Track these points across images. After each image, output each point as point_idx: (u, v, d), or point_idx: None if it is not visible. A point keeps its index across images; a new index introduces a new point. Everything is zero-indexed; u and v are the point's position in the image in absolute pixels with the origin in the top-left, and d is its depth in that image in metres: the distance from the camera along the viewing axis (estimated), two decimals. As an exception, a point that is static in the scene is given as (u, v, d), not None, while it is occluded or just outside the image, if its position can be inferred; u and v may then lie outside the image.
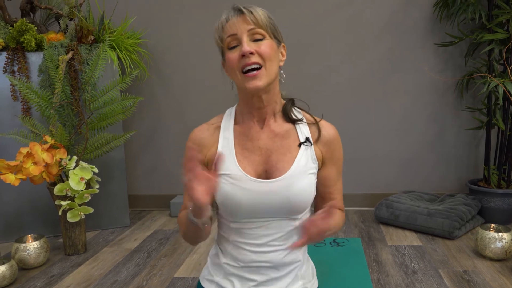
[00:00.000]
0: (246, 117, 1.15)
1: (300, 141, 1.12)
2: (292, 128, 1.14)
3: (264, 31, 1.06)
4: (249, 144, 1.12)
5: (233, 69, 1.07)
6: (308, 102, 2.79)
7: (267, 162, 1.10)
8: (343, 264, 1.98)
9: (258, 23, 1.05)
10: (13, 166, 2.02)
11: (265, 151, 1.11)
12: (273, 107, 1.13)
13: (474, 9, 2.37)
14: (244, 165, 1.09)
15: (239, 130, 1.14)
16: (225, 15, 1.09)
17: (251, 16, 1.05)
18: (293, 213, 1.10)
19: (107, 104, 2.35)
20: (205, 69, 2.88)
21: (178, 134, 2.95)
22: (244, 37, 1.05)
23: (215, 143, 1.13)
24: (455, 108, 2.75)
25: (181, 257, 2.16)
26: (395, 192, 2.85)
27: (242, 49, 1.03)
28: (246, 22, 1.05)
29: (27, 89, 2.20)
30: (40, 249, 2.08)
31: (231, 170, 1.09)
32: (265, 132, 1.13)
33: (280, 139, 1.12)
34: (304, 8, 2.74)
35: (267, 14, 1.09)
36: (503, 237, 1.96)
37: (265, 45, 1.05)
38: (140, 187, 3.04)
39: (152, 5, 2.86)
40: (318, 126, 1.15)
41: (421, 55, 2.72)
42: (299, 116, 1.17)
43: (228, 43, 1.07)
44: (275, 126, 1.13)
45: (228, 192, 1.07)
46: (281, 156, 1.10)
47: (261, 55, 1.05)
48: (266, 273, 1.12)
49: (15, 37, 2.32)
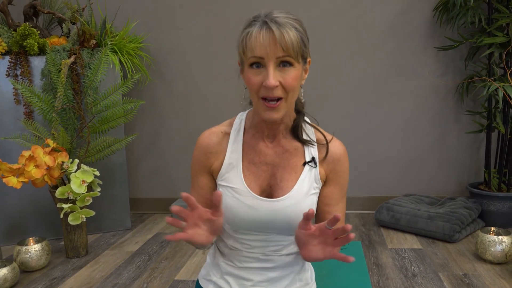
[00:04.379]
0: (256, 129, 1.11)
1: (305, 160, 1.10)
2: (300, 146, 1.11)
3: (294, 59, 0.96)
4: (256, 159, 1.10)
5: (251, 91, 1.01)
6: (310, 106, 2.79)
7: (271, 178, 1.09)
8: (343, 267, 1.98)
9: (289, 50, 0.95)
10: (15, 169, 2.03)
11: (272, 167, 1.09)
12: (286, 123, 1.10)
13: (474, 13, 2.38)
14: (249, 180, 1.08)
15: (248, 143, 1.11)
16: (253, 28, 0.96)
17: (282, 40, 0.94)
18: (293, 231, 1.09)
19: (109, 108, 2.37)
20: (207, 73, 2.90)
21: (180, 137, 2.97)
22: (270, 65, 0.95)
23: (223, 153, 1.11)
24: (455, 112, 2.75)
25: (182, 260, 2.17)
26: (396, 195, 2.85)
27: (267, 81, 0.95)
28: (275, 46, 0.94)
29: (29, 93, 2.22)
30: (41, 252, 2.10)
31: (235, 184, 1.08)
32: (274, 148, 1.10)
33: (288, 156, 1.10)
34: (305, 13, 2.76)
35: (299, 35, 0.97)
36: (503, 240, 1.97)
37: (291, 76, 0.97)
38: (142, 190, 3.05)
39: (154, 10, 2.88)
40: (327, 145, 1.10)
41: (422, 59, 2.73)
42: (310, 134, 1.13)
43: (251, 61, 0.97)
44: (284, 142, 1.11)
45: (230, 205, 1.07)
46: (286, 175, 1.08)
47: (285, 87, 0.97)
48: (264, 274, 1.13)
49: (18, 41, 2.34)
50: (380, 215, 2.54)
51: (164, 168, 3.01)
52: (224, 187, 1.08)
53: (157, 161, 3.01)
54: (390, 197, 2.85)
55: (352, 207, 2.88)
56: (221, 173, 1.10)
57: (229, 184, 1.08)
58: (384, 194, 2.87)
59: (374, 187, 2.87)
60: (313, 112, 1.26)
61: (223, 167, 1.09)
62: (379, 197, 2.86)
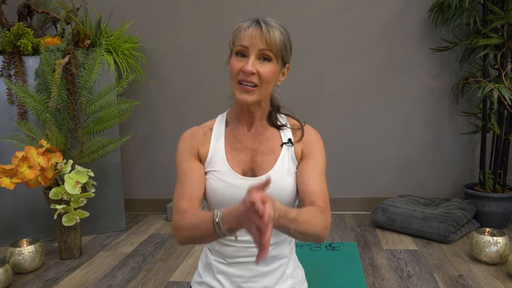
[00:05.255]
0: (236, 119, 1.23)
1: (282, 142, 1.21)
2: (276, 132, 1.23)
3: (273, 55, 1.10)
4: (237, 145, 1.20)
5: (232, 75, 1.13)
6: (305, 107, 2.81)
7: (253, 161, 1.19)
8: (338, 268, 1.98)
9: (271, 46, 1.09)
10: (8, 170, 2.01)
11: (252, 151, 1.19)
12: (261, 113, 1.21)
13: (469, 15, 2.38)
14: (232, 163, 1.18)
15: (229, 132, 1.23)
16: (246, 22, 1.12)
17: (268, 36, 1.08)
18: None
19: (103, 108, 2.36)
20: (202, 73, 2.89)
21: (175, 138, 2.95)
22: (252, 54, 1.09)
23: (207, 142, 1.22)
24: (450, 113, 2.76)
25: (177, 261, 2.16)
26: (392, 196, 2.86)
27: (246, 66, 1.08)
28: (260, 39, 1.08)
29: (23, 93, 2.20)
30: (35, 253, 2.08)
31: (219, 167, 1.17)
32: (252, 134, 1.21)
33: (266, 141, 1.21)
34: (301, 15, 2.76)
35: (283, 38, 1.11)
36: (498, 241, 1.97)
37: (268, 69, 1.10)
38: (137, 191, 3.04)
39: (149, 10, 2.87)
40: (302, 129, 1.23)
41: (417, 60, 2.73)
42: (283, 122, 1.25)
43: (238, 50, 1.11)
44: (261, 129, 1.22)
45: (215, 186, 1.16)
46: (265, 156, 1.19)
47: (261, 77, 1.10)
48: (253, 268, 1.18)
49: (11, 41, 2.33)
50: (375, 216, 2.54)
51: (159, 168, 3.00)
52: (209, 172, 1.18)
53: (152, 161, 3.00)
54: (385, 198, 2.85)
55: (348, 208, 2.87)
56: (206, 161, 1.20)
57: (214, 169, 1.18)
58: (380, 195, 2.87)
59: (370, 188, 2.87)
60: (308, 113, 1.33)
61: (209, 154, 1.20)
62: (374, 198, 2.86)
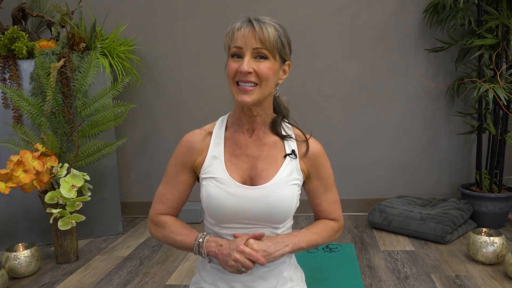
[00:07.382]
0: (237, 124, 1.19)
1: (286, 152, 1.17)
2: (279, 140, 1.19)
3: (269, 52, 1.07)
4: (237, 151, 1.16)
5: (229, 77, 1.10)
6: (301, 108, 2.81)
7: (252, 169, 1.14)
8: (336, 270, 1.97)
9: (265, 43, 1.06)
10: (3, 174, 2.00)
11: (252, 158, 1.15)
12: (263, 118, 1.17)
13: (464, 15, 2.39)
14: (231, 170, 1.14)
15: (229, 137, 1.18)
16: (238, 23, 1.10)
17: (261, 33, 1.06)
18: (274, 221, 1.13)
19: (99, 111, 2.35)
20: (198, 75, 2.89)
21: (171, 141, 2.95)
22: (247, 54, 1.07)
23: (206, 148, 1.17)
24: (446, 113, 2.76)
25: (174, 265, 2.15)
26: (388, 197, 2.86)
27: (242, 67, 1.06)
28: (254, 38, 1.06)
29: (18, 97, 2.19)
30: (31, 258, 2.07)
31: (218, 174, 1.13)
32: (254, 141, 1.17)
33: (268, 149, 1.16)
34: (297, 15, 2.76)
35: (277, 34, 1.09)
36: (494, 241, 1.97)
37: (265, 66, 1.07)
38: (133, 194, 3.03)
39: (144, 12, 2.87)
40: (307, 142, 1.19)
41: (413, 61, 2.74)
42: (288, 131, 1.21)
43: (232, 51, 1.09)
44: (263, 136, 1.18)
45: (212, 194, 1.12)
46: (266, 165, 1.14)
47: (259, 75, 1.07)
48: (251, 273, 1.15)
49: (6, 44, 2.32)
50: (372, 217, 2.54)
51: (156, 171, 2.99)
52: (207, 178, 1.14)
53: (148, 164, 2.99)
54: (382, 199, 2.85)
55: (345, 209, 2.87)
56: (204, 166, 1.16)
57: (212, 175, 1.14)
58: (377, 196, 2.87)
59: (366, 189, 2.87)
60: (305, 114, 1.32)
61: (206, 160, 1.16)
62: (371, 199, 2.86)
